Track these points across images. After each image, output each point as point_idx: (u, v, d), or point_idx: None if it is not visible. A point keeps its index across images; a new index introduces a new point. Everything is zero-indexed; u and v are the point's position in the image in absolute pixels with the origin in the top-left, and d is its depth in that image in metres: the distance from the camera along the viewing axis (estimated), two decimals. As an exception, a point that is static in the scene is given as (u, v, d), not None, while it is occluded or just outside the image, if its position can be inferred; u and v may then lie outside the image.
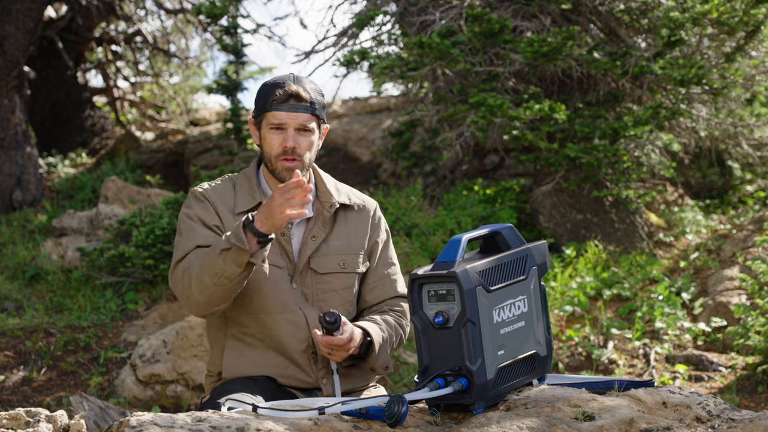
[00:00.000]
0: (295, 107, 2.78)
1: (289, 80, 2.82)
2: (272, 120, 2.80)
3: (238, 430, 2.10)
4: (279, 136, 2.80)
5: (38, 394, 5.90)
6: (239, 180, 2.92)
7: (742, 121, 8.48)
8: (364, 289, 2.93)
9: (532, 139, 7.30)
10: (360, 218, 2.94)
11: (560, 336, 6.28)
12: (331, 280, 2.85)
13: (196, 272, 2.67)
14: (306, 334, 2.80)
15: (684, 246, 7.80)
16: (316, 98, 2.82)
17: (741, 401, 5.23)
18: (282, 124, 2.79)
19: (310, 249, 2.84)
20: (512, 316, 2.43)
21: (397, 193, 8.50)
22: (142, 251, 7.24)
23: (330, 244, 2.87)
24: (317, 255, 2.84)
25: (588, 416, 2.30)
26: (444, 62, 7.39)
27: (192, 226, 2.81)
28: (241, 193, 2.87)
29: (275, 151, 2.80)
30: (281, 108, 2.78)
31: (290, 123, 2.78)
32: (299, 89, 2.79)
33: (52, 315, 6.98)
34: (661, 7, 7.45)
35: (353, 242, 2.90)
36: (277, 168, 2.81)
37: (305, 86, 2.82)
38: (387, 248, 3.00)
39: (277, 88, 2.80)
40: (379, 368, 2.79)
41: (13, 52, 9.18)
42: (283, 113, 2.78)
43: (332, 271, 2.85)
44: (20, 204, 9.53)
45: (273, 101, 2.79)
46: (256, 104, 2.87)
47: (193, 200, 2.88)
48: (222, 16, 8.76)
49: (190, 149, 11.19)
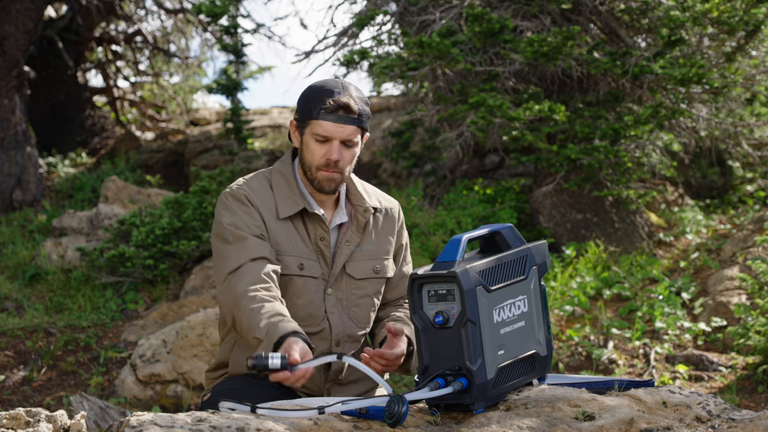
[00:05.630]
0: (344, 119, 2.70)
1: (338, 89, 2.72)
2: (318, 130, 2.71)
3: (238, 430, 2.10)
4: (323, 147, 2.72)
5: (38, 394, 5.90)
6: (275, 179, 2.82)
7: (742, 120, 8.47)
8: (386, 287, 2.93)
9: (532, 140, 7.30)
10: (387, 222, 2.92)
11: (560, 336, 6.28)
12: (365, 285, 2.84)
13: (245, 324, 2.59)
14: (327, 345, 2.79)
15: (684, 246, 7.79)
16: (363, 109, 2.74)
17: (741, 401, 5.23)
18: (329, 135, 2.71)
19: (345, 254, 2.81)
20: (512, 316, 2.43)
21: (397, 193, 8.49)
22: (142, 251, 7.24)
23: (363, 248, 2.84)
24: (352, 260, 2.82)
25: (588, 416, 2.30)
26: (444, 62, 7.39)
27: (241, 235, 2.71)
28: (281, 196, 2.79)
29: (317, 161, 2.73)
30: (329, 119, 2.69)
31: (337, 136, 2.70)
32: (350, 101, 2.70)
33: (52, 315, 6.98)
34: (661, 6, 7.44)
35: (382, 247, 2.89)
36: (317, 178, 2.75)
37: (354, 96, 2.73)
38: (407, 249, 3.01)
39: (327, 97, 2.70)
40: (414, 369, 2.77)
41: (13, 52, 9.18)
42: (330, 125, 2.70)
43: (367, 277, 2.84)
44: (20, 204, 9.53)
45: (322, 110, 2.70)
46: (301, 107, 2.77)
47: (234, 203, 2.76)
48: (222, 16, 8.76)
49: (190, 149, 11.19)
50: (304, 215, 2.80)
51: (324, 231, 2.80)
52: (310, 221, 2.80)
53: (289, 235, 2.77)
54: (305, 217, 2.80)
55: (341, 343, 2.81)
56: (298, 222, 2.80)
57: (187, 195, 7.62)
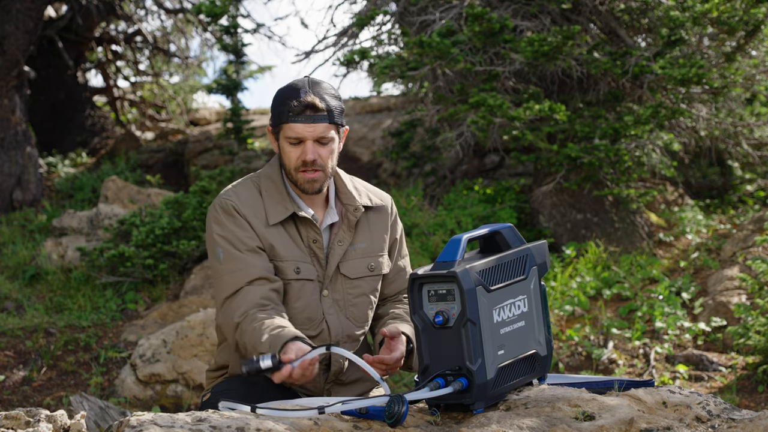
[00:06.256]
0: (312, 118, 2.67)
1: (305, 88, 2.70)
2: (290, 133, 2.69)
3: (238, 430, 2.10)
4: (298, 149, 2.70)
5: (38, 394, 5.90)
6: (264, 184, 2.80)
7: (742, 120, 8.47)
8: (383, 283, 2.90)
9: (532, 140, 7.30)
10: (380, 218, 2.89)
11: (560, 336, 6.28)
12: (361, 284, 2.82)
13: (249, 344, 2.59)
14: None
15: (684, 246, 7.79)
16: (332, 104, 2.71)
17: (741, 401, 5.23)
18: (300, 137, 2.69)
19: (338, 254, 2.79)
20: (512, 316, 2.43)
21: (397, 193, 8.49)
22: (142, 251, 7.24)
23: (356, 247, 2.82)
24: (345, 260, 2.80)
25: (588, 416, 2.30)
26: (444, 62, 7.39)
27: (232, 254, 2.68)
28: (270, 201, 2.76)
29: (295, 163, 2.71)
30: (298, 120, 2.67)
31: (308, 136, 2.68)
32: (315, 99, 2.67)
33: (52, 315, 6.98)
34: (661, 6, 7.44)
35: (376, 244, 2.86)
36: (299, 180, 2.73)
37: (321, 93, 2.70)
38: (402, 242, 2.97)
39: (293, 99, 2.68)
40: (415, 366, 2.74)
41: (13, 52, 9.18)
42: (300, 126, 2.68)
43: (362, 275, 2.82)
44: (20, 204, 9.53)
45: (289, 113, 2.68)
46: (272, 113, 2.76)
47: (223, 215, 2.73)
48: (222, 16, 8.76)
49: (190, 149, 11.19)
50: (296, 218, 2.78)
51: (316, 233, 2.78)
52: (301, 224, 2.78)
53: (282, 239, 2.75)
54: (297, 221, 2.78)
55: (340, 343, 2.80)
56: (290, 226, 2.78)
57: (187, 195, 7.63)
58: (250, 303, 2.63)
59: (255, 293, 2.64)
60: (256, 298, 2.64)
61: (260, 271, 2.67)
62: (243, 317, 2.61)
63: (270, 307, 2.64)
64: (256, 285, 2.66)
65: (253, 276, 2.66)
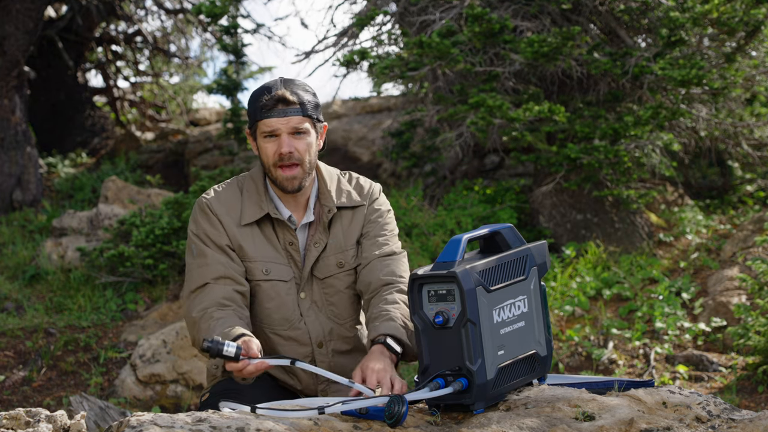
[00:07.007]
0: (285, 111, 2.71)
1: (276, 85, 2.74)
2: (264, 128, 2.73)
3: (238, 430, 2.10)
4: (273, 143, 2.73)
5: (38, 394, 5.90)
6: (247, 184, 2.83)
7: (742, 121, 8.47)
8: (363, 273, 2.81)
9: (532, 141, 7.30)
10: (357, 216, 2.87)
11: (560, 336, 6.28)
12: (333, 282, 2.82)
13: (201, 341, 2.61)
14: (308, 349, 2.80)
15: (684, 246, 7.79)
16: (305, 98, 2.74)
17: (741, 401, 5.23)
18: (274, 130, 2.72)
19: (313, 256, 2.80)
20: (512, 316, 2.43)
21: (397, 193, 8.49)
22: (142, 251, 7.24)
23: (328, 245, 2.82)
24: (318, 260, 2.81)
25: (588, 416, 2.30)
26: (444, 62, 7.39)
27: (203, 250, 2.74)
28: (248, 200, 2.79)
29: (272, 159, 2.73)
30: (271, 115, 2.71)
31: (282, 128, 2.71)
32: (285, 92, 2.71)
33: (52, 315, 6.98)
34: (661, 7, 7.44)
35: (348, 240, 2.84)
36: (278, 178, 2.75)
37: (292, 88, 2.74)
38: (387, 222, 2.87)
39: (263, 96, 2.73)
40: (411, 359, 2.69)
41: (13, 52, 9.18)
42: (273, 119, 2.71)
43: (332, 274, 2.82)
44: (20, 204, 9.53)
45: (262, 109, 2.72)
46: (248, 115, 2.80)
47: (198, 213, 2.79)
48: (222, 16, 8.76)
49: (190, 149, 11.19)
50: (273, 220, 2.79)
51: (292, 235, 2.79)
52: (278, 226, 2.79)
53: (255, 240, 2.76)
54: (274, 222, 2.80)
55: (324, 344, 2.81)
56: (267, 227, 2.79)
57: (187, 195, 7.63)
58: (211, 301, 2.66)
59: (217, 292, 2.68)
60: (217, 297, 2.67)
61: (226, 270, 2.71)
62: (201, 313, 2.65)
63: (230, 308, 2.66)
64: (220, 283, 2.69)
65: (218, 273, 2.70)
